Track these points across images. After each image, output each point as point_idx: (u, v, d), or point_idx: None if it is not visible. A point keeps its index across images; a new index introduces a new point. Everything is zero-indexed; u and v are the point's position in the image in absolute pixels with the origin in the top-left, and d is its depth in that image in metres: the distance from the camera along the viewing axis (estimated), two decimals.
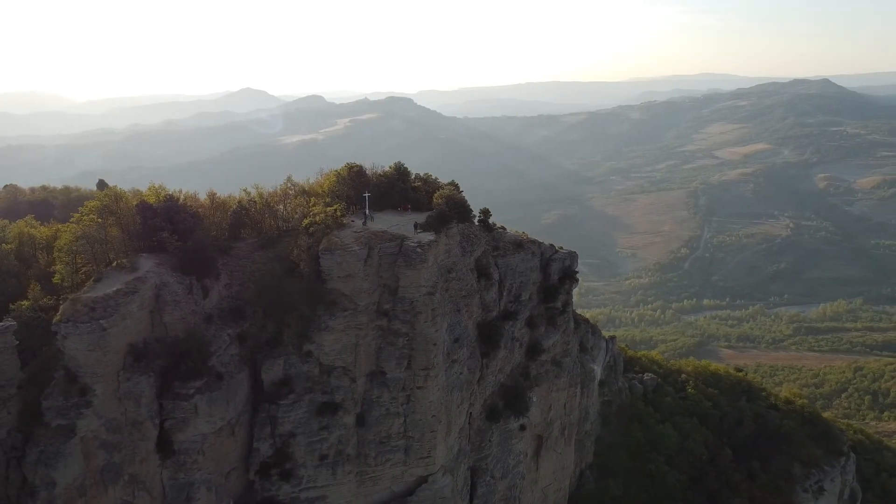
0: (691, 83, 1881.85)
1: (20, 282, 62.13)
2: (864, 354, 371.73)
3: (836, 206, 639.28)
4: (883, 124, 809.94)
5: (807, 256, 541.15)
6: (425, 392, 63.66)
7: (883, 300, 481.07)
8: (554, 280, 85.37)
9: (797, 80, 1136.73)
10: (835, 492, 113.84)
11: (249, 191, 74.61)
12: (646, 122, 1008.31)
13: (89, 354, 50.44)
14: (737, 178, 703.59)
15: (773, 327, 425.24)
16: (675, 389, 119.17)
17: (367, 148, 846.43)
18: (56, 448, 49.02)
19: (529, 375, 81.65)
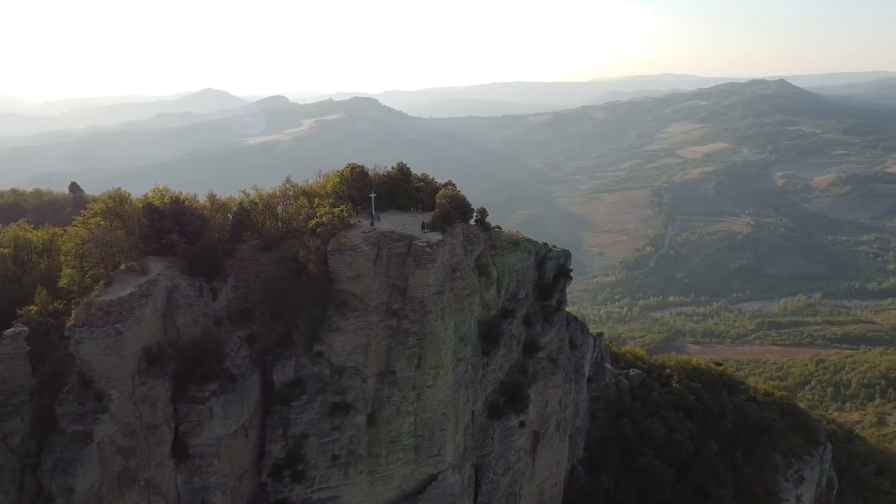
0: (653, 83, 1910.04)
1: (21, 287, 61.07)
2: (824, 347, 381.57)
3: (795, 204, 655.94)
4: (837, 123, 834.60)
5: (767, 253, 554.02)
6: (435, 390, 64.15)
7: (840, 294, 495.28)
8: (549, 278, 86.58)
9: (755, 80, 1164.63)
10: (813, 480, 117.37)
11: (249, 192, 74.06)
12: (609, 122, 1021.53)
13: (105, 359, 49.79)
14: (699, 177, 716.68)
15: (737, 322, 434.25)
16: (660, 384, 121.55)
17: (333, 149, 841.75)
18: (74, 454, 48.31)
19: (527, 372, 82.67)
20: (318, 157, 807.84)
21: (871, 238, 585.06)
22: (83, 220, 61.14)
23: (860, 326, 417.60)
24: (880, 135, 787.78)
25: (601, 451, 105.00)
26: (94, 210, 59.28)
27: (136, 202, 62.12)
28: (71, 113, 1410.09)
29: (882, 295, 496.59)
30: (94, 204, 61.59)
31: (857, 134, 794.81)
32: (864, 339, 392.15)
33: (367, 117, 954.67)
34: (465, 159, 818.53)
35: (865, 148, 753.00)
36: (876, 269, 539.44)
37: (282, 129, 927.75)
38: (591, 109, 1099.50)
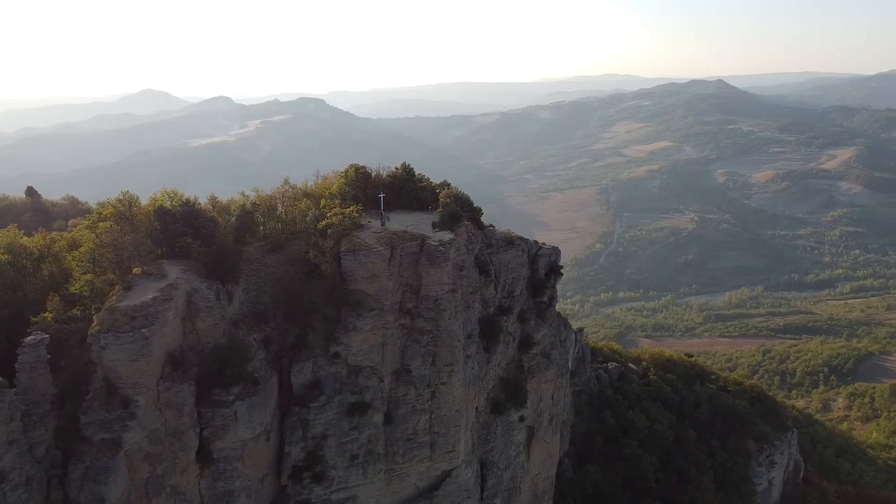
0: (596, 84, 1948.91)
1: (25, 294, 59.41)
2: (769, 338, 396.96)
3: (736, 200, 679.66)
4: (773, 122, 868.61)
5: (711, 248, 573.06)
6: (449, 387, 65.06)
7: (781, 287, 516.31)
8: (541, 275, 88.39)
9: (694, 80, 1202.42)
10: (783, 464, 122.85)
11: (248, 194, 73.51)
12: (556, 122, 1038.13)
13: (131, 365, 48.96)
14: (644, 175, 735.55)
15: (685, 316, 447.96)
16: (638, 377, 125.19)
17: (282, 149, 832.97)
18: (104, 463, 47.38)
19: (523, 368, 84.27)
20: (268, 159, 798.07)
21: (808, 232, 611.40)
22: (89, 224, 59.89)
23: (801, 317, 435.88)
24: (813, 133, 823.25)
25: (586, 443, 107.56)
26: (107, 213, 58.04)
27: (145, 206, 61.08)
28: (1, 115, 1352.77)
29: (819, 286, 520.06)
30: (102, 208, 60.19)
31: (792, 132, 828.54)
32: (805, 329, 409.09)
33: (315, 118, 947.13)
34: (415, 159, 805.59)
35: (800, 145, 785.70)
36: (813, 261, 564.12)
37: (227, 130, 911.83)
38: (538, 109, 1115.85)
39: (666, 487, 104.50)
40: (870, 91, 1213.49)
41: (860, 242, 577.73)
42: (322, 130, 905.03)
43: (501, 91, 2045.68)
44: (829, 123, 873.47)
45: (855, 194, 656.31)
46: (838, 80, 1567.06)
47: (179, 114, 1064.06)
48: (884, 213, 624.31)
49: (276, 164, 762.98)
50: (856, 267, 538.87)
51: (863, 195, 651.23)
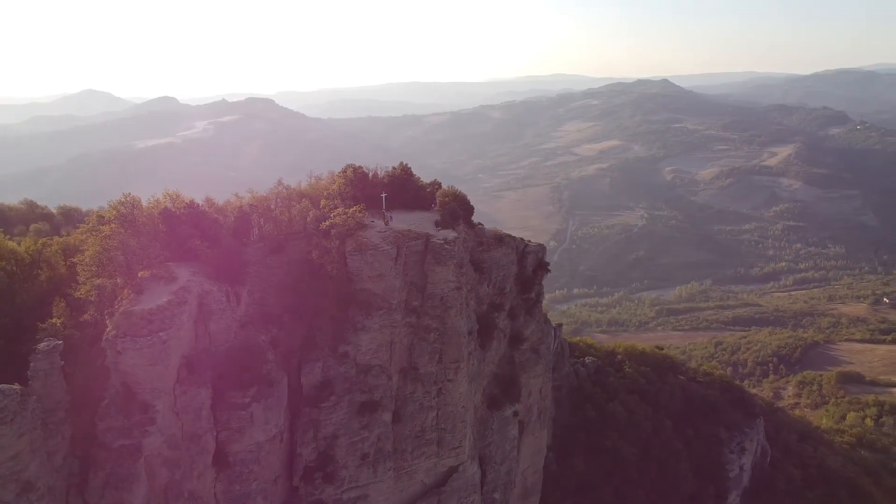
0: (545, 83, 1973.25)
1: (24, 299, 57.87)
2: (720, 330, 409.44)
3: (683, 197, 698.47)
4: (716, 120, 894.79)
5: (661, 244, 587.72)
6: (455, 384, 65.84)
7: (728, 280, 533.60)
8: (529, 272, 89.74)
9: (641, 80, 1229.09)
10: (753, 450, 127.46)
11: (241, 196, 72.75)
12: (507, 122, 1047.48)
13: (150, 369, 48.24)
14: (595, 173, 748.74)
15: (638, 311, 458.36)
16: (615, 370, 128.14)
17: (231, 150, 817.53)
18: (127, 469, 46.62)
19: (514, 364, 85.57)
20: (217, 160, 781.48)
21: (752, 227, 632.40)
22: (89, 228, 58.62)
23: (748, 309, 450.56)
24: (755, 131, 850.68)
25: (568, 436, 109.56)
26: (111, 216, 56.83)
27: (147, 208, 60.00)
28: None
29: (764, 279, 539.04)
30: (105, 211, 58.85)
31: (735, 130, 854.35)
32: (753, 321, 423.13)
33: (265, 118, 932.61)
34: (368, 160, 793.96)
35: (743, 143, 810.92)
36: (757, 255, 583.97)
37: (174, 131, 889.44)
38: (489, 109, 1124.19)
39: (646, 476, 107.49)
40: (806, 90, 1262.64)
41: (801, 236, 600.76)
42: (273, 131, 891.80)
43: (452, 91, 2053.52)
44: (770, 122, 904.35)
45: (795, 190, 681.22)
46: (777, 79, 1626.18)
47: (123, 115, 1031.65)
48: (822, 207, 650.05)
49: (226, 166, 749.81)
50: (798, 260, 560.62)
51: (802, 191, 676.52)
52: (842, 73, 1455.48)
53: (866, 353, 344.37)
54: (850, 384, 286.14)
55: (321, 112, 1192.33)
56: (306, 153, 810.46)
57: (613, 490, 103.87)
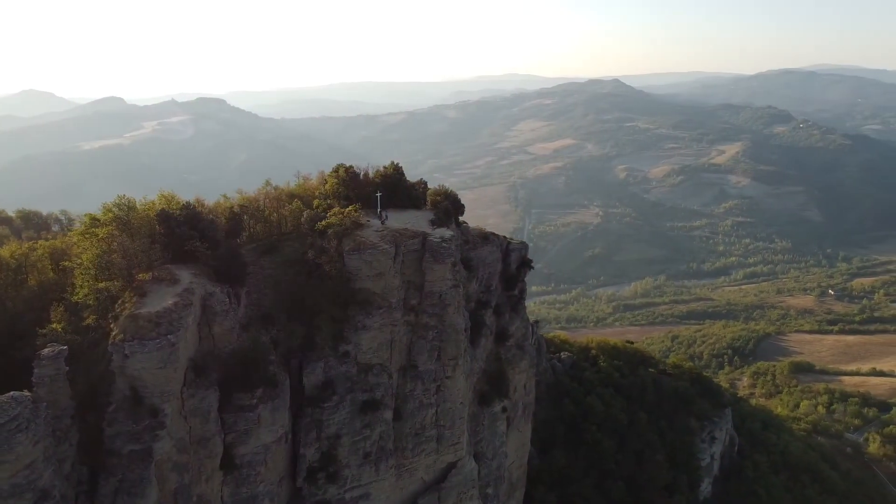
0: (498, 83, 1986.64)
1: (15, 305, 56.34)
2: (675, 325, 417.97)
3: (636, 194, 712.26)
4: (667, 120, 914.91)
5: (616, 241, 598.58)
6: (453, 381, 66.44)
7: (681, 275, 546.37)
8: (512, 269, 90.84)
9: (592, 80, 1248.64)
10: (722, 439, 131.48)
11: (229, 196, 72.09)
12: (462, 121, 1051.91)
13: (158, 373, 47.54)
14: (550, 172, 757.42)
15: (596, 307, 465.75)
16: (590, 364, 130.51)
17: (182, 151, 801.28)
18: (139, 474, 45.93)
19: (502, 360, 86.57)
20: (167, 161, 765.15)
21: (703, 223, 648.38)
22: (83, 230, 57.41)
23: (702, 303, 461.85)
24: (703, 129, 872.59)
25: (549, 430, 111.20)
26: (108, 219, 55.68)
27: (142, 210, 58.97)
28: None
29: (715, 274, 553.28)
30: (100, 213, 57.56)
31: (685, 129, 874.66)
32: (707, 315, 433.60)
33: (216, 118, 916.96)
34: (322, 160, 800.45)
35: (692, 141, 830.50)
36: (708, 251, 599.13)
37: (121, 132, 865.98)
38: (444, 108, 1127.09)
39: (625, 468, 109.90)
40: (751, 90, 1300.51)
41: (750, 231, 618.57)
42: (224, 131, 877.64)
43: (406, 90, 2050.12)
44: (717, 120, 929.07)
45: (743, 187, 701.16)
46: (723, 79, 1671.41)
47: (67, 115, 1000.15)
48: (769, 203, 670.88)
49: (177, 167, 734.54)
50: (747, 255, 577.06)
51: (750, 187, 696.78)
52: (784, 73, 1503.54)
53: (815, 343, 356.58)
54: (802, 373, 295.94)
55: (273, 112, 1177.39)
56: (260, 153, 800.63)
57: (594, 482, 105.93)
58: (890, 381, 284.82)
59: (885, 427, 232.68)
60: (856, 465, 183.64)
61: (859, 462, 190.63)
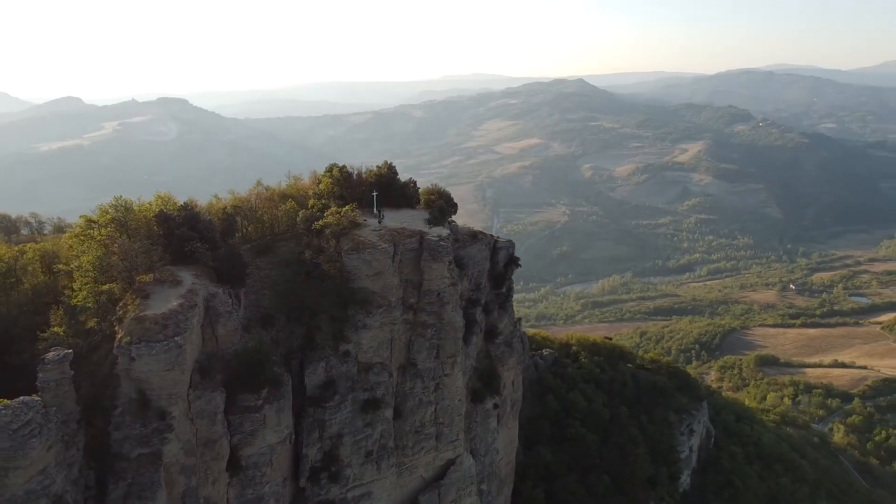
0: (464, 83, 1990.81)
1: (9, 309, 55.27)
2: (643, 321, 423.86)
3: (602, 193, 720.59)
4: (631, 119, 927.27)
5: (583, 239, 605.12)
6: (452, 378, 66.97)
7: (647, 272, 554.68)
8: (500, 267, 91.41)
9: (557, 80, 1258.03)
10: (700, 432, 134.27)
11: (220, 197, 71.53)
12: (428, 121, 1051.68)
13: (166, 375, 47.10)
14: (517, 171, 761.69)
15: (565, 305, 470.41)
16: (571, 360, 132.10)
17: (144, 152, 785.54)
18: (149, 478, 45.52)
19: (492, 357, 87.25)
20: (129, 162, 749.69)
21: (667, 221, 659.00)
22: (78, 232, 56.55)
23: (668, 300, 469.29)
24: (666, 128, 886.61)
25: (533, 426, 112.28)
26: (106, 220, 54.87)
27: (140, 211, 58.26)
28: None
29: (680, 270, 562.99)
30: (101, 215, 56.58)
31: (648, 128, 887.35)
32: (673, 311, 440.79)
33: (179, 119, 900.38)
34: (288, 160, 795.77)
35: (656, 140, 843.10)
36: (673, 248, 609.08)
37: (80, 133, 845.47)
38: (410, 108, 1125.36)
39: (608, 462, 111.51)
40: (712, 90, 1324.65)
41: (713, 229, 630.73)
42: (187, 131, 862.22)
43: (372, 90, 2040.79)
44: (680, 119, 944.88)
45: (706, 185, 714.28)
46: (685, 79, 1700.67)
47: (22, 116, 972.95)
48: (731, 201, 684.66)
49: (140, 168, 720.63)
50: (710, 251, 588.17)
51: (712, 185, 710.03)
52: (744, 73, 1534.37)
53: (779, 336, 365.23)
54: (767, 366, 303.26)
55: (237, 112, 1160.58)
56: (225, 154, 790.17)
57: (579, 477, 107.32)
58: (851, 372, 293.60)
59: (848, 417, 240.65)
60: (822, 454, 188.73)
61: (826, 451, 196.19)
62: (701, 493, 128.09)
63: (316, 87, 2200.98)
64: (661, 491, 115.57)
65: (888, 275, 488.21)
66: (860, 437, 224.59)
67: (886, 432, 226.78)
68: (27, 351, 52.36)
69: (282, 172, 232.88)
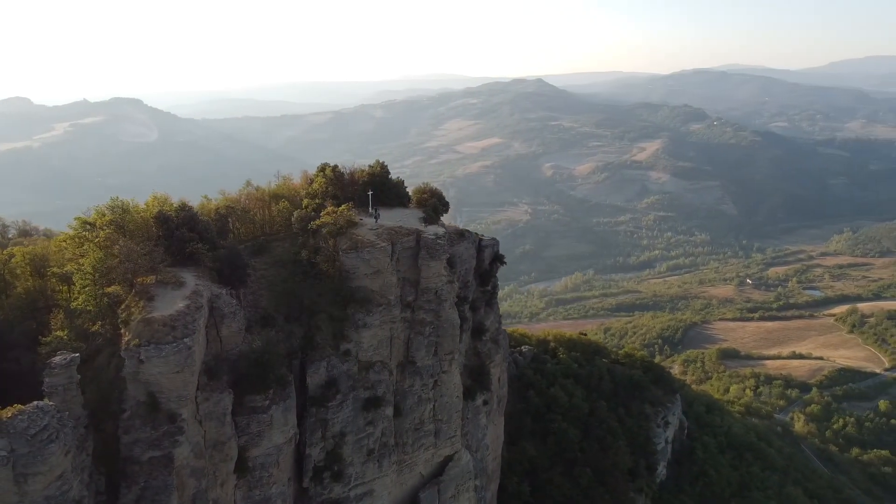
0: (424, 83, 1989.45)
1: (5, 315, 53.98)
2: (606, 317, 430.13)
3: (563, 192, 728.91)
4: (589, 118, 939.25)
5: (545, 237, 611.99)
6: (450, 375, 67.55)
7: (608, 269, 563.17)
8: (486, 265, 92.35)
9: (516, 79, 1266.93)
10: (674, 423, 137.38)
11: (210, 198, 70.77)
12: (389, 120, 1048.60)
13: (175, 377, 46.60)
14: (479, 171, 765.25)
15: (529, 303, 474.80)
16: (550, 356, 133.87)
17: (98, 154, 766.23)
18: (162, 481, 45.03)
19: (480, 354, 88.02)
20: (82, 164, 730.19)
21: (627, 218, 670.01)
22: (73, 235, 55.50)
23: (630, 296, 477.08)
24: (624, 127, 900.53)
25: (516, 422, 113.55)
26: (105, 222, 53.88)
27: (137, 212, 57.37)
28: None
29: (640, 267, 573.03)
30: (99, 217, 55.46)
31: (607, 127, 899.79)
32: (635, 307, 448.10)
33: (133, 119, 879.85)
34: (247, 161, 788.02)
35: (615, 139, 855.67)
36: (633, 245, 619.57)
37: (29, 134, 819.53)
38: (370, 108, 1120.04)
39: (590, 455, 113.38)
40: (668, 89, 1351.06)
41: (671, 226, 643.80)
42: (142, 132, 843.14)
43: (331, 90, 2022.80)
44: (637, 119, 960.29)
45: (663, 183, 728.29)
46: (640, 78, 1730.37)
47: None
48: (688, 198, 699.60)
49: (93, 170, 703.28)
50: (669, 248, 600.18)
51: (670, 183, 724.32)
52: (698, 72, 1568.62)
53: (738, 330, 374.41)
54: (729, 359, 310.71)
55: (193, 113, 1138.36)
56: (180, 155, 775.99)
57: (562, 470, 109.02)
58: (809, 363, 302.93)
59: (807, 406, 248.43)
60: (786, 443, 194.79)
61: (789, 440, 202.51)
62: (677, 483, 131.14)
63: (274, 88, 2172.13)
64: (640, 482, 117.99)
65: (839, 268, 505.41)
66: (819, 426, 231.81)
67: (844, 420, 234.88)
68: (25, 357, 51.31)
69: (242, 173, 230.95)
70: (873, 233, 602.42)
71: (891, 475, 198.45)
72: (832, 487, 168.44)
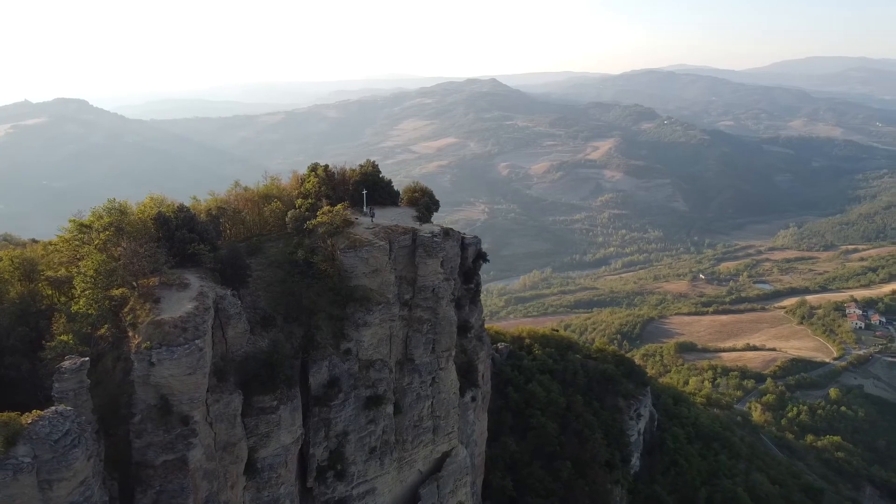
0: (379, 83, 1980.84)
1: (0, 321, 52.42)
2: (566, 314, 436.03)
3: (519, 191, 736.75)
4: (544, 118, 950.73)
5: (502, 236, 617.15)
6: (447, 372, 68.14)
7: (565, 267, 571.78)
8: (469, 263, 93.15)
9: (471, 79, 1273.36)
10: (646, 416, 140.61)
11: (199, 199, 69.80)
12: (343, 121, 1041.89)
13: (187, 379, 46.08)
14: (435, 170, 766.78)
15: (488, 301, 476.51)
16: (526, 353, 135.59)
17: (41, 156, 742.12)
18: (178, 484, 44.57)
19: (467, 351, 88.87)
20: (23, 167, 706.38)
21: (582, 216, 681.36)
22: (69, 237, 54.28)
23: (587, 293, 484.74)
24: (578, 126, 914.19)
25: (496, 418, 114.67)
26: (105, 224, 52.77)
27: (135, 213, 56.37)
28: None
29: (596, 264, 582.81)
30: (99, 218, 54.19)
31: (561, 126, 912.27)
32: (593, 303, 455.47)
33: (78, 120, 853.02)
34: (198, 163, 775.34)
35: (569, 138, 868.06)
36: (589, 242, 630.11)
37: None
38: (324, 108, 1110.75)
39: (568, 449, 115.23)
40: (618, 89, 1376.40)
41: (625, 223, 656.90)
42: (87, 134, 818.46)
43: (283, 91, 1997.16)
44: (590, 118, 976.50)
45: (617, 181, 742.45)
46: (592, 79, 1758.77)
47: None
48: (641, 196, 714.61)
49: (36, 173, 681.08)
50: (624, 245, 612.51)
51: (623, 181, 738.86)
52: (647, 72, 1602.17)
53: (694, 324, 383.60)
54: (686, 353, 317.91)
55: (141, 114, 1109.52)
56: (129, 156, 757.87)
57: (543, 464, 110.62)
58: (762, 354, 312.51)
59: (763, 396, 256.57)
60: (746, 431, 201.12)
61: (749, 429, 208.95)
62: (650, 473, 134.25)
63: (224, 88, 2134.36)
64: (616, 474, 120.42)
65: (787, 262, 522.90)
66: (775, 415, 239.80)
67: (797, 409, 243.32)
68: (24, 363, 50.05)
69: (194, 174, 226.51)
70: (817, 227, 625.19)
71: (843, 460, 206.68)
72: (791, 473, 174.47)
